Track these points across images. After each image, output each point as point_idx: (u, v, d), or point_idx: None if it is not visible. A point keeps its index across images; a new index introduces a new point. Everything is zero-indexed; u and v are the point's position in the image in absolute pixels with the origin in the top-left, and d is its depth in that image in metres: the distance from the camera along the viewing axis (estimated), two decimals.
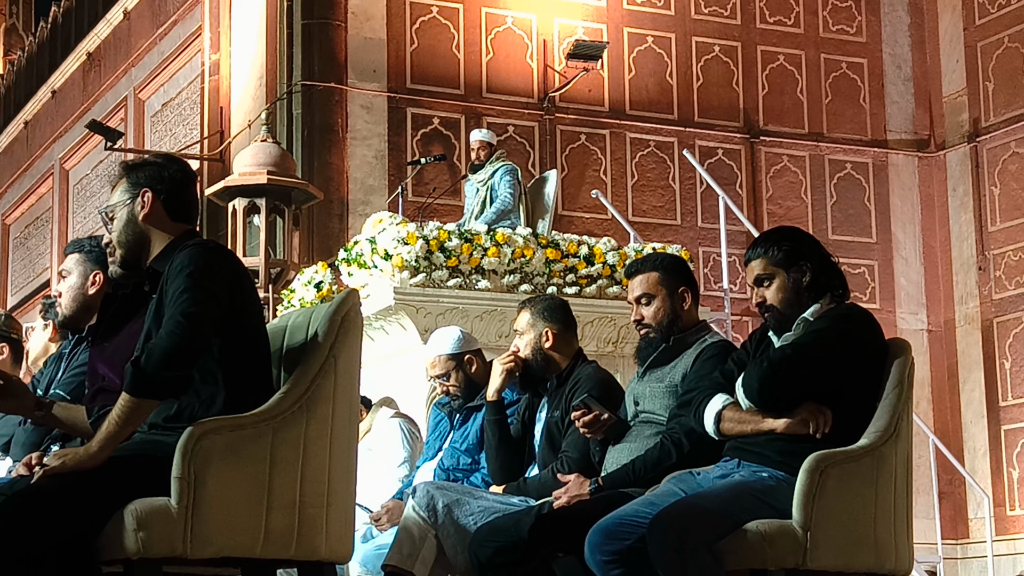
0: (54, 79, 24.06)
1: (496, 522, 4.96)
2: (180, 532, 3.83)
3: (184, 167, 4.37)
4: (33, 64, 25.58)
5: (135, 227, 4.16)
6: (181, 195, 4.23)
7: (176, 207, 4.20)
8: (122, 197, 4.19)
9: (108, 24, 21.87)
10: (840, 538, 4.40)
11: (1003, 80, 17.13)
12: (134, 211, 4.16)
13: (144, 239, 4.17)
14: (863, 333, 4.54)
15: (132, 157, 17.94)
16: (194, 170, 4.56)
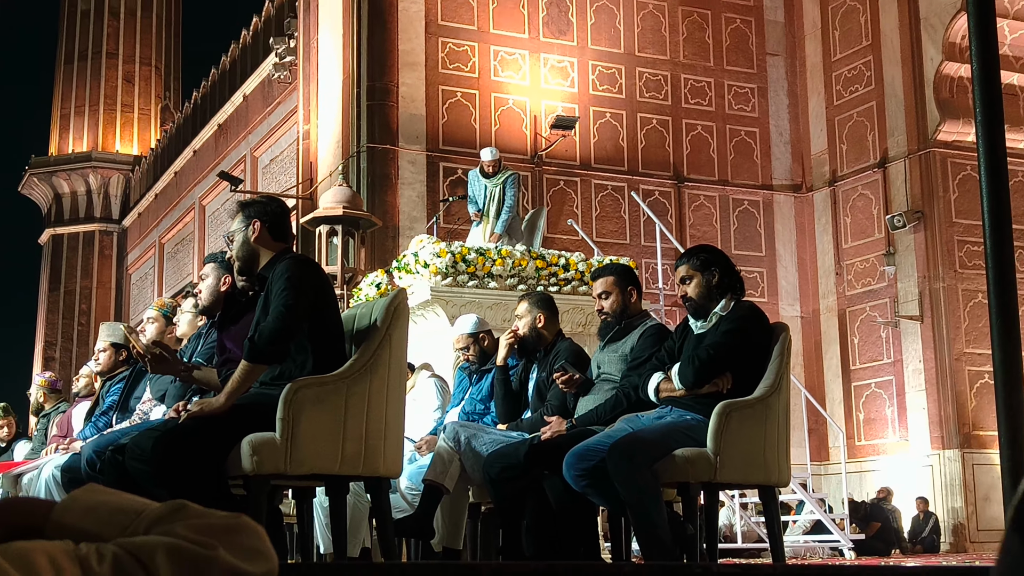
0: (195, 142, 24.18)
1: (502, 450, 4.95)
2: (282, 456, 3.83)
3: (282, 204, 4.39)
4: (180, 132, 25.69)
5: (248, 246, 4.17)
6: (280, 223, 4.22)
7: (276, 231, 4.20)
8: (239, 225, 4.20)
9: (232, 104, 21.98)
10: (740, 460, 4.39)
11: (852, 143, 17.15)
12: (247, 235, 4.16)
13: (255, 254, 4.17)
14: (755, 324, 4.54)
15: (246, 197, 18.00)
16: (289, 206, 4.56)
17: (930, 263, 15.84)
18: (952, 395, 15.43)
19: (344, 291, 12.03)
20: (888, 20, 16.64)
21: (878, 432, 16.44)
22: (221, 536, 1.04)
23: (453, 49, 16.05)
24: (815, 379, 17.07)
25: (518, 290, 9.14)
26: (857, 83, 17.12)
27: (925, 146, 16.03)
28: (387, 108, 15.48)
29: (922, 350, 15.84)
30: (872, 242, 16.68)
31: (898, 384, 16.19)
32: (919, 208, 15.96)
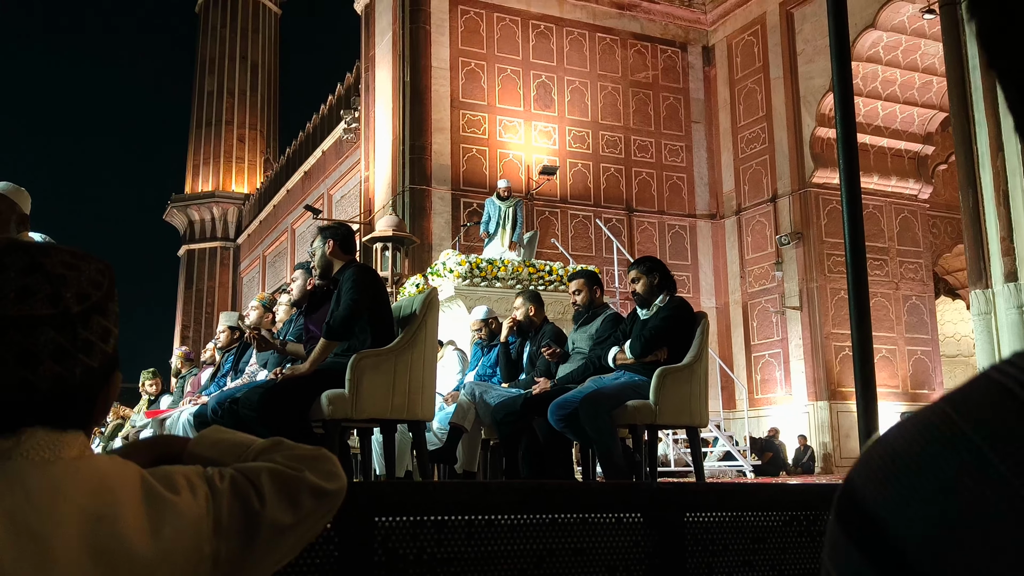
0: (288, 183, 24.10)
1: (505, 401, 4.94)
2: (350, 406, 3.82)
3: (348, 227, 4.38)
4: (277, 176, 25.64)
5: (325, 258, 4.16)
6: (347, 241, 4.22)
7: (345, 247, 4.19)
8: (319, 244, 4.20)
9: (314, 157, 21.96)
10: (673, 409, 4.38)
11: (752, 184, 17.12)
12: (324, 250, 4.15)
13: (330, 264, 4.16)
14: (684, 313, 4.53)
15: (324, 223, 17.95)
16: (354, 228, 4.55)
17: (807, 270, 15.82)
18: (822, 363, 15.42)
19: (393, 289, 12.02)
20: (777, 98, 16.62)
21: (770, 389, 16.42)
22: (307, 462, 1.04)
23: (470, 118, 16.03)
24: (726, 351, 17.05)
25: (516, 289, 9.13)
26: (756, 142, 17.09)
27: (803, 187, 16.00)
28: (423, 160, 15.48)
29: (801, 331, 15.82)
30: (766, 255, 16.66)
31: (784, 355, 16.17)
32: (799, 230, 15.93)
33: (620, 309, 12.77)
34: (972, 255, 9.30)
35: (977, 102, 9.31)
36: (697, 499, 1.39)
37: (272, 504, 0.98)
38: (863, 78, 15.72)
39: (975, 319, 9.27)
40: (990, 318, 9.05)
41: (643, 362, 4.44)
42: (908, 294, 16.43)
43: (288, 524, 0.98)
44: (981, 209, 9.22)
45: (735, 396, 16.72)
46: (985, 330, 9.06)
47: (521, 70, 16.49)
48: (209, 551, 0.93)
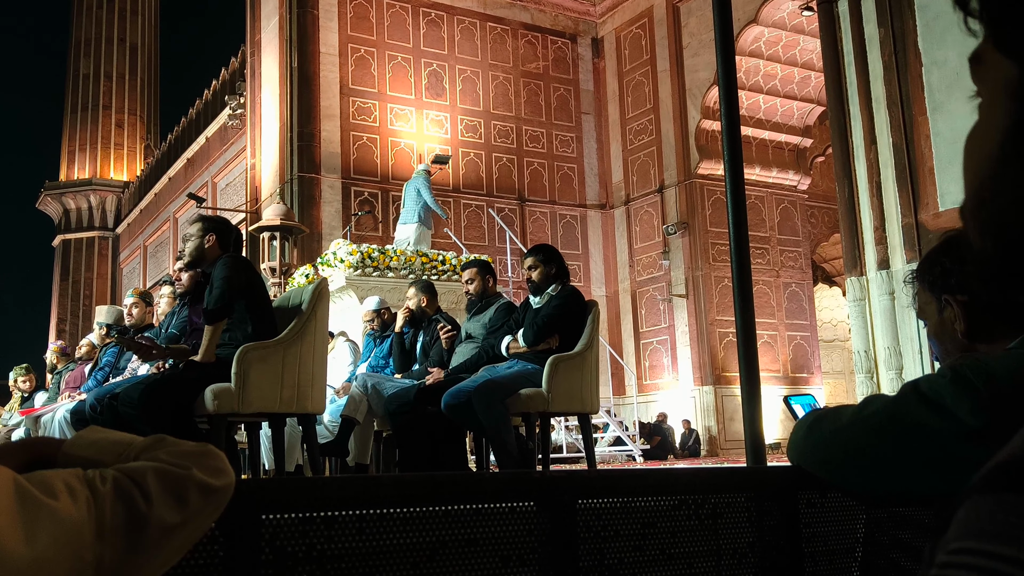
0: (170, 171, 23.36)
1: (398, 392, 4.91)
2: (236, 400, 3.74)
3: (237, 231, 4.30)
4: (159, 163, 24.81)
5: (200, 249, 4.06)
6: (228, 239, 4.12)
7: (223, 244, 4.09)
8: (197, 231, 4.09)
9: (197, 143, 21.35)
10: (565, 396, 4.44)
11: (640, 175, 17.47)
12: (203, 241, 4.05)
13: (202, 255, 4.07)
14: (575, 301, 4.59)
15: (209, 213, 17.43)
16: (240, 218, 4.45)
17: (692, 258, 16.26)
18: (708, 348, 15.89)
19: (282, 280, 11.78)
20: (664, 90, 16.99)
21: (658, 374, 16.84)
22: (193, 459, 1.02)
23: (360, 105, 15.82)
24: (616, 338, 17.39)
25: (409, 278, 9.08)
26: (644, 134, 17.45)
27: (689, 177, 16.43)
28: (312, 148, 15.23)
29: (687, 318, 16.27)
30: (653, 244, 17.04)
31: (671, 341, 16.59)
32: (685, 220, 16.36)
33: (513, 298, 12.86)
34: (847, 244, 9.75)
35: (852, 97, 9.74)
36: (589, 485, 1.41)
37: (159, 504, 0.95)
38: (746, 72, 16.24)
39: (850, 305, 9.72)
40: (864, 304, 9.51)
41: (535, 350, 4.48)
42: (788, 281, 17.10)
43: (176, 524, 0.96)
44: (856, 200, 9.66)
45: (624, 382, 17.08)
46: (860, 315, 9.51)
47: (412, 58, 16.36)
48: (91, 558, 0.89)
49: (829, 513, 1.57)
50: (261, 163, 16.51)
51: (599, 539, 1.41)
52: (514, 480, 1.41)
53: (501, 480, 1.42)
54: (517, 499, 1.37)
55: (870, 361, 9.39)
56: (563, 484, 1.41)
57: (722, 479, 1.58)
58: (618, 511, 1.44)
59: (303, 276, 10.31)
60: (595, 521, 1.41)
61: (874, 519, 1.57)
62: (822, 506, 1.56)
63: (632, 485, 1.47)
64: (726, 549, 1.51)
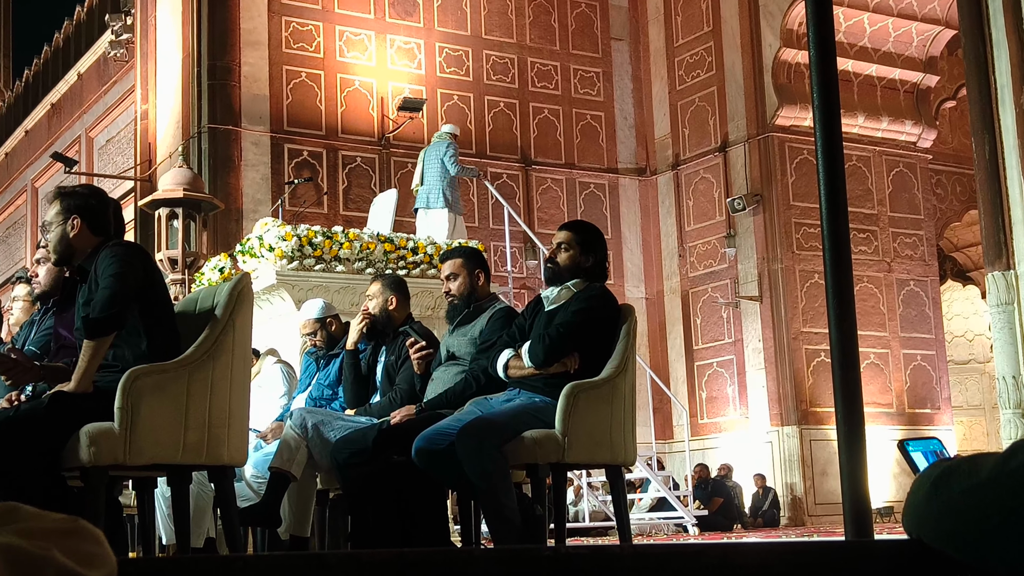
0: (27, 122, 23.39)
1: (350, 435, 4.91)
2: (121, 446, 3.74)
3: (102, 197, 4.23)
4: (11, 111, 24.84)
5: (67, 241, 4.05)
6: (99, 218, 4.10)
7: (96, 227, 4.08)
8: (56, 216, 4.08)
9: (66, 83, 21.36)
10: (587, 441, 4.44)
11: (694, 127, 17.50)
12: (66, 230, 4.05)
13: (70, 249, 4.06)
14: (604, 305, 4.60)
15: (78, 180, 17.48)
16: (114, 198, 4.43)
17: (768, 245, 16.27)
18: (790, 373, 15.91)
19: (186, 275, 11.78)
20: (728, 6, 17.00)
21: (720, 410, 16.85)
22: (57, 540, 1.01)
23: (297, 28, 15.84)
24: (660, 359, 17.39)
25: (366, 274, 9.09)
26: (699, 68, 17.46)
27: (764, 130, 16.45)
28: (229, 88, 15.23)
29: (761, 330, 16.28)
30: (713, 224, 17.06)
31: (739, 363, 16.61)
32: (758, 191, 16.38)
33: (514, 303, 12.88)
34: (988, 225, 9.74)
35: (996, 15, 9.75)
36: (622, 566, 1.41)
37: None
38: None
39: (992, 311, 9.72)
40: (1013, 310, 9.50)
41: (547, 374, 4.48)
42: (905, 278, 17.11)
43: None
44: (1000, 162, 9.66)
45: (672, 421, 17.07)
46: (1006, 326, 9.50)
47: None
48: None
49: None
50: (156, 110, 16.50)
51: None
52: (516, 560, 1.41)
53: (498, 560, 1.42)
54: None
55: (1020, 392, 9.39)
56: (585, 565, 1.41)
57: (811, 558, 1.58)
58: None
59: (216, 271, 10.31)
60: None
61: None
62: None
63: (682, 567, 1.47)
64: None
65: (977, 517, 1.38)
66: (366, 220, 12.15)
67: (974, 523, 1.39)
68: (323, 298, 6.97)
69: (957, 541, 1.42)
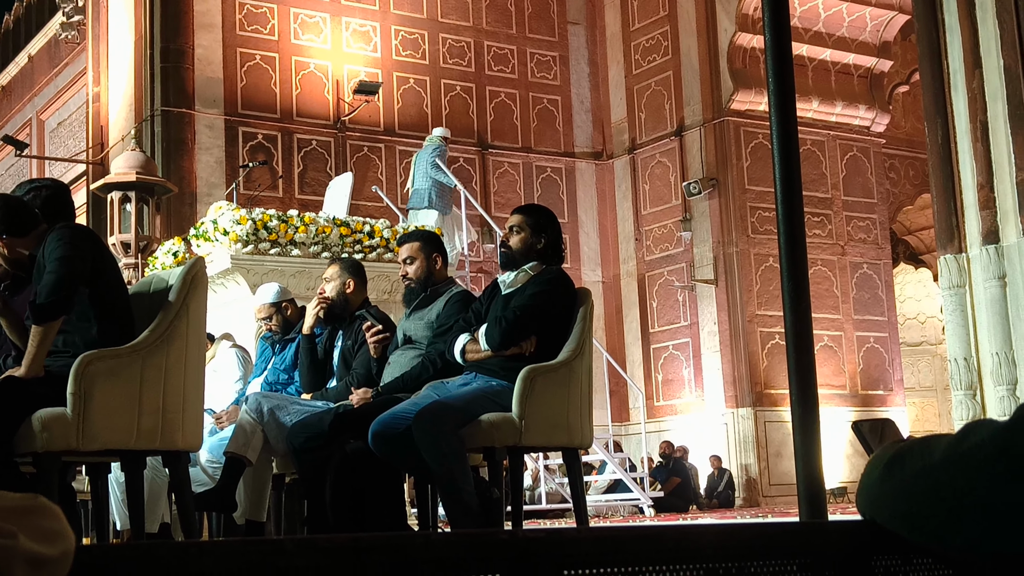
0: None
1: (306, 420, 4.90)
2: (74, 432, 3.72)
3: (55, 186, 4.26)
4: None
5: None
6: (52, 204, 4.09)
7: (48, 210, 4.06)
8: None
9: (16, 65, 21.15)
10: (544, 424, 4.45)
11: (651, 112, 17.54)
12: None
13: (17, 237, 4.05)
14: (561, 289, 4.61)
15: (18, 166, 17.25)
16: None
17: (724, 228, 16.36)
18: (745, 355, 16.02)
19: (139, 260, 11.70)
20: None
21: (676, 392, 16.95)
22: (18, 519, 1.01)
23: (251, 11, 15.73)
24: (616, 342, 17.46)
25: (322, 258, 9.06)
26: (655, 53, 17.50)
27: (719, 115, 16.51)
28: (182, 70, 15.13)
29: (717, 313, 16.38)
30: (669, 208, 17.13)
31: (694, 346, 16.70)
32: (714, 175, 16.45)
33: (471, 287, 12.87)
34: (941, 208, 9.84)
35: (948, 1, 9.82)
36: (578, 549, 1.41)
37: None
38: None
39: (944, 294, 9.82)
40: (964, 293, 9.61)
41: (503, 356, 4.48)
42: (858, 261, 17.27)
43: None
44: (953, 146, 9.75)
45: (629, 404, 17.15)
46: (958, 309, 9.61)
47: None
48: None
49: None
50: (109, 93, 16.36)
51: None
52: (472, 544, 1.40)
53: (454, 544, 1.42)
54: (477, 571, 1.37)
55: (971, 373, 9.50)
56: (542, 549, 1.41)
57: (765, 540, 1.59)
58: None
59: (170, 255, 10.24)
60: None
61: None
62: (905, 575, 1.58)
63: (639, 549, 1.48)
64: None
65: (930, 499, 1.39)
66: (322, 204, 12.10)
67: (927, 505, 1.40)
68: (278, 282, 6.94)
69: (911, 522, 1.44)
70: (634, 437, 16.34)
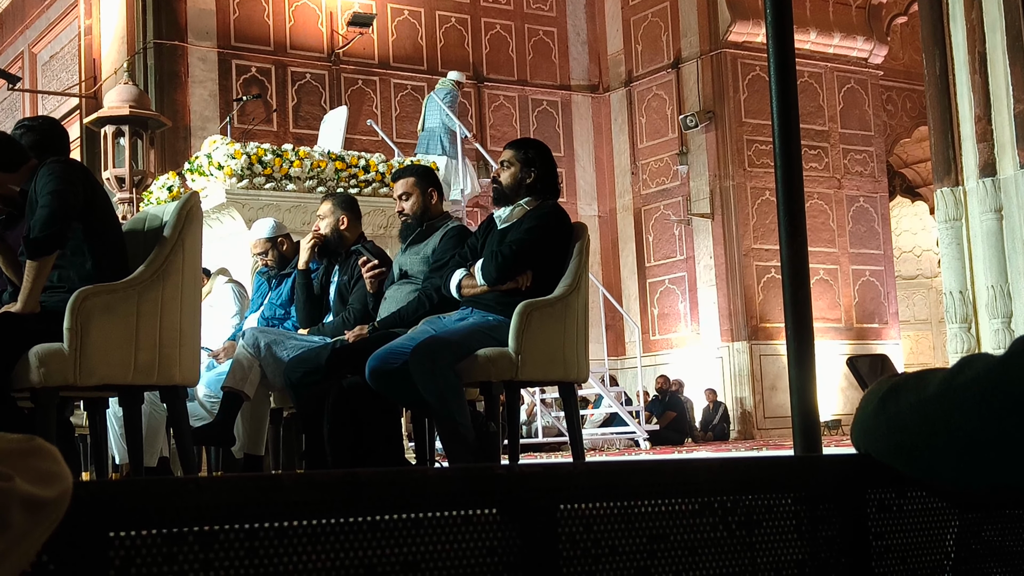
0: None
1: (303, 354, 4.92)
2: (71, 367, 3.73)
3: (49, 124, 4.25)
4: None
5: None
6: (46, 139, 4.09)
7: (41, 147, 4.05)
8: None
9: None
10: (540, 358, 4.47)
11: (647, 44, 17.42)
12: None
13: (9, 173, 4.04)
14: (557, 223, 4.61)
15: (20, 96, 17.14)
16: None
17: (720, 162, 16.31)
18: (741, 290, 16.05)
19: (133, 195, 11.66)
20: None
21: (671, 326, 16.99)
22: (14, 462, 1.01)
23: None
24: (612, 277, 17.47)
25: (317, 192, 9.03)
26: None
27: (716, 47, 16.39)
28: (175, 2, 14.99)
29: (713, 247, 16.38)
30: (666, 142, 17.06)
31: (690, 280, 16.72)
32: (710, 108, 16.36)
33: (467, 222, 12.86)
34: (938, 141, 9.81)
35: None
36: (574, 484, 1.42)
37: None
38: None
39: (940, 227, 9.82)
40: (960, 226, 9.61)
41: (499, 291, 4.49)
42: (854, 194, 17.24)
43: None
44: (951, 78, 9.70)
45: (625, 338, 17.21)
46: (953, 241, 9.61)
47: None
48: None
49: (909, 518, 1.60)
50: (100, 25, 16.21)
51: (588, 559, 1.42)
52: (469, 478, 1.41)
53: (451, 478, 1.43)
54: (474, 505, 1.38)
55: (967, 307, 9.53)
56: (538, 483, 1.42)
57: (760, 473, 1.60)
58: (615, 520, 1.45)
59: (164, 189, 10.21)
60: (583, 534, 1.42)
61: (969, 525, 1.60)
62: (899, 509, 1.59)
63: (635, 483, 1.49)
64: (766, 570, 1.54)
65: (924, 432, 1.40)
66: (316, 138, 12.04)
67: (921, 438, 1.41)
68: (274, 217, 6.92)
69: (904, 456, 1.44)
70: (630, 371, 16.41)
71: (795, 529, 1.56)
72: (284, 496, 1.29)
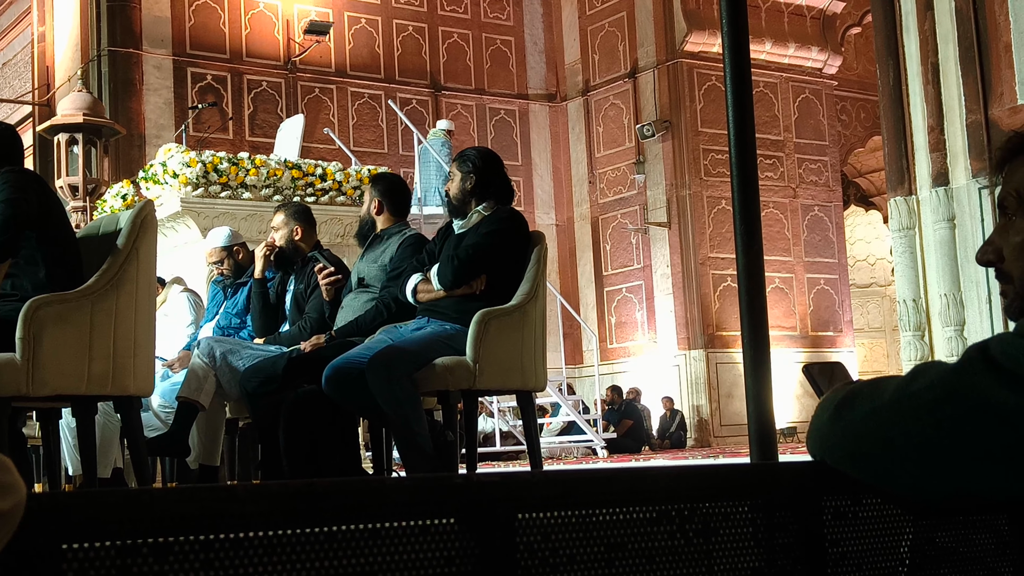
0: None
1: (259, 364, 4.89)
2: (24, 377, 3.69)
3: None
4: None
5: None
6: None
7: None
8: None
9: None
10: (498, 367, 4.47)
11: (604, 53, 17.48)
12: None
13: None
14: (515, 229, 4.61)
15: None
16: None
17: (677, 171, 16.39)
18: (697, 298, 16.13)
19: (87, 203, 11.56)
20: None
21: (629, 335, 17.05)
22: None
23: None
24: (570, 285, 17.51)
25: (273, 201, 8.99)
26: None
27: (673, 57, 16.48)
28: (129, 9, 14.89)
29: (670, 255, 16.45)
30: (623, 151, 17.13)
31: (647, 288, 16.78)
32: (667, 118, 16.45)
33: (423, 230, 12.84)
34: (892, 150, 9.90)
35: None
36: (532, 493, 1.42)
37: None
38: None
39: (894, 236, 9.91)
40: (913, 235, 9.70)
41: (455, 297, 4.49)
42: (809, 203, 17.37)
43: None
44: (904, 88, 9.79)
45: (582, 346, 17.24)
46: (907, 250, 9.70)
47: None
48: None
49: (864, 525, 1.61)
50: (54, 32, 16.08)
51: (547, 568, 1.42)
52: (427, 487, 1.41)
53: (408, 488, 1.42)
54: (431, 514, 1.38)
55: (920, 314, 9.62)
56: (496, 492, 1.42)
57: (717, 481, 1.61)
58: (573, 528, 1.45)
59: (119, 198, 10.13)
60: (541, 543, 1.42)
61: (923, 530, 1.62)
62: (855, 516, 1.60)
63: (592, 492, 1.49)
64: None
65: (879, 439, 1.41)
66: (273, 146, 11.99)
67: (876, 445, 1.42)
68: (229, 226, 6.89)
69: (860, 463, 1.45)
70: (587, 379, 16.44)
71: (752, 536, 1.56)
72: (240, 507, 1.28)
